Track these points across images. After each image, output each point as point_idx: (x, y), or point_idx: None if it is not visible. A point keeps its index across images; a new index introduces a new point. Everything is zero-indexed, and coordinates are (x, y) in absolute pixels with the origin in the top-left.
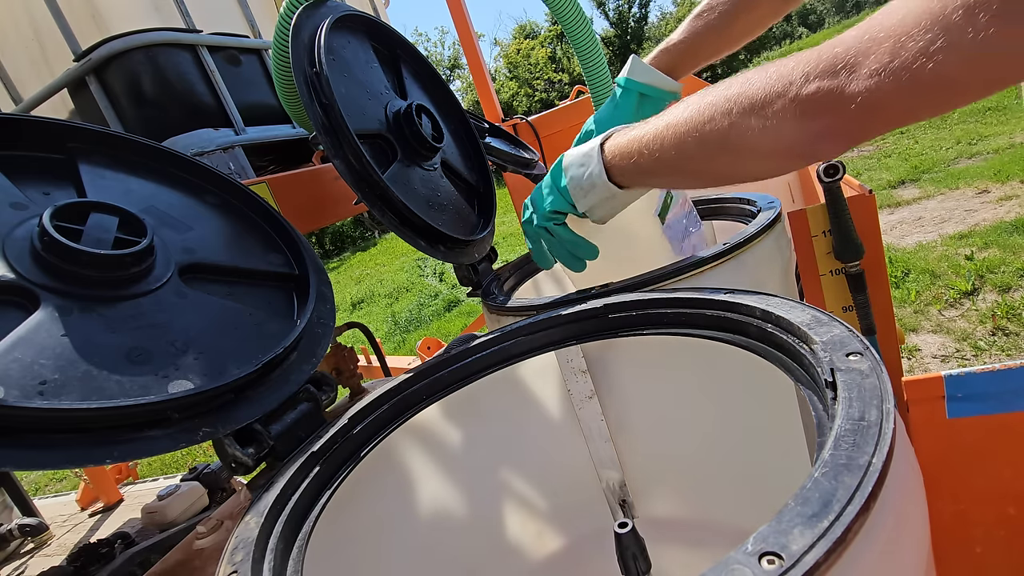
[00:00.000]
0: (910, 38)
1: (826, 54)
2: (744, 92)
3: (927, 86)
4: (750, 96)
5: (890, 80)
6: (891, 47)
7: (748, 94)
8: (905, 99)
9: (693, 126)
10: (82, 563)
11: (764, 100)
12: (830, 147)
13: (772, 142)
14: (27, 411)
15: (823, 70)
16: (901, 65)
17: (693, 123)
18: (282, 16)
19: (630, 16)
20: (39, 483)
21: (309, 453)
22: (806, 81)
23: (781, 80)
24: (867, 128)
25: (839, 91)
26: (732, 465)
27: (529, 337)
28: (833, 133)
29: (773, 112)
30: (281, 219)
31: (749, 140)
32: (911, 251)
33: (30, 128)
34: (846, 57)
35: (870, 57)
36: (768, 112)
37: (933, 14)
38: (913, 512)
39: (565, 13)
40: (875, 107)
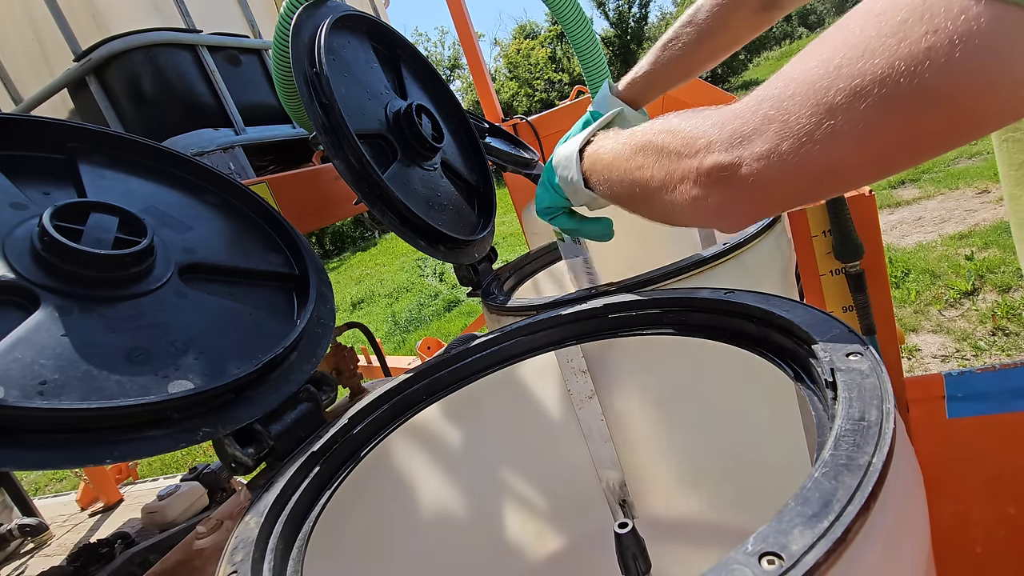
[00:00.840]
0: (797, 119)
1: (728, 125)
2: (665, 144)
3: (815, 171)
4: (668, 151)
5: (777, 163)
6: (779, 128)
7: (667, 148)
8: (794, 183)
9: (631, 167)
10: (82, 563)
11: (677, 158)
12: (726, 222)
13: (682, 209)
14: (27, 411)
15: (723, 142)
16: (789, 148)
17: (631, 163)
18: (282, 16)
19: (630, 16)
20: (39, 483)
21: (309, 453)
22: (708, 152)
23: (692, 142)
24: (762, 208)
25: (733, 168)
26: (732, 465)
27: (529, 337)
28: (728, 209)
29: (681, 175)
30: (281, 219)
31: (665, 197)
32: (911, 251)
33: (30, 128)
34: (743, 131)
35: (762, 136)
36: (677, 173)
37: (818, 95)
38: (913, 512)
39: (565, 13)
40: (766, 189)
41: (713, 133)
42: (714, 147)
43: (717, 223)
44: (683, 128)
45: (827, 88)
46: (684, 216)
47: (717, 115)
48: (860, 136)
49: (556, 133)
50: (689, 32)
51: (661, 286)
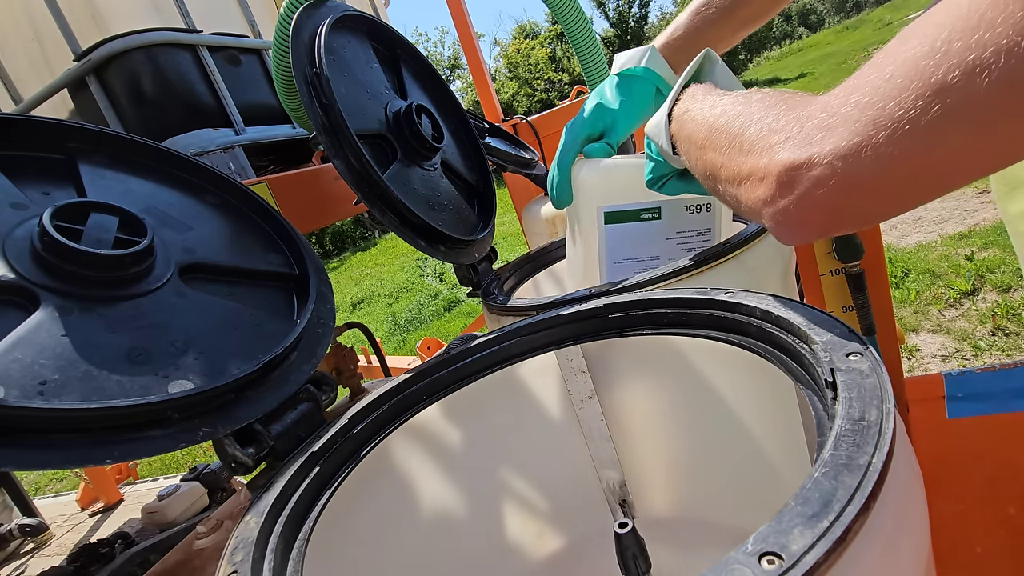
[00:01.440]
0: (898, 105)
1: (812, 119)
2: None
3: (919, 167)
4: (742, 142)
5: (871, 159)
6: (873, 117)
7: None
8: (890, 183)
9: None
10: (82, 563)
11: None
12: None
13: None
14: (27, 411)
15: (802, 136)
16: (886, 140)
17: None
18: (282, 16)
19: (630, 16)
20: (39, 483)
21: (309, 453)
22: (783, 148)
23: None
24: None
25: (807, 167)
26: (732, 465)
27: (529, 337)
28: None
29: (748, 171)
30: (281, 219)
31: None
32: (911, 251)
33: (30, 128)
34: (827, 123)
35: (851, 127)
36: (745, 168)
37: (924, 75)
38: (913, 512)
39: (565, 13)
40: (852, 191)
41: (793, 127)
42: (790, 142)
43: (781, 231)
44: (762, 116)
45: (936, 65)
46: (750, 216)
47: (805, 106)
48: (980, 119)
49: (556, 133)
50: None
51: (661, 286)
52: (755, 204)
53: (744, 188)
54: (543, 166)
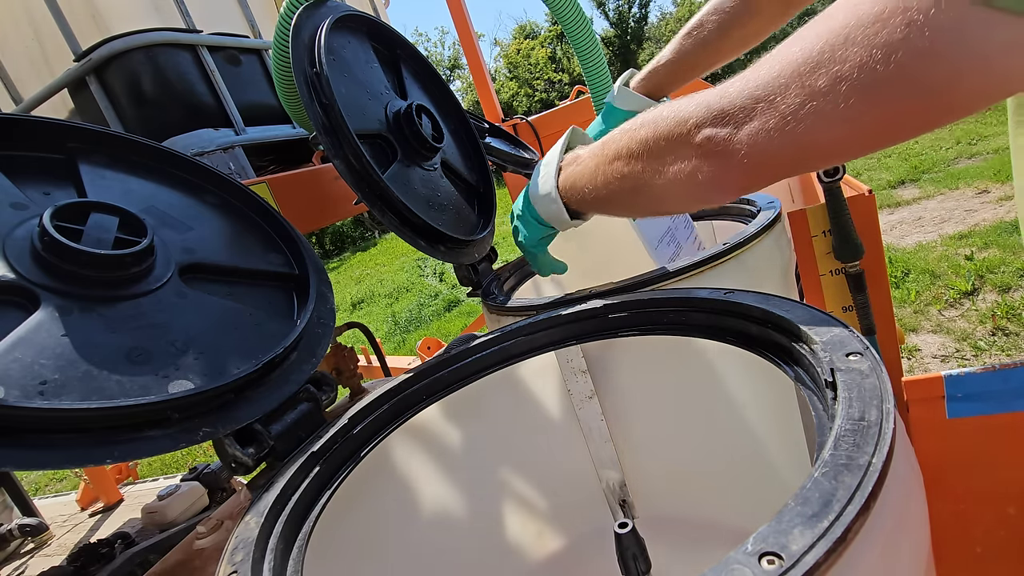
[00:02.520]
0: (783, 100)
1: (715, 104)
2: (649, 136)
3: (801, 147)
4: (654, 141)
5: (765, 138)
6: (765, 108)
7: (654, 137)
8: (782, 158)
9: (616, 168)
10: (82, 563)
11: (667, 144)
12: (720, 193)
13: (675, 188)
14: (27, 411)
15: (713, 119)
16: (775, 126)
17: (616, 165)
18: (282, 16)
19: (630, 16)
20: (39, 483)
21: (309, 453)
22: (699, 128)
23: (679, 125)
24: (754, 180)
25: (725, 142)
26: (732, 465)
27: (529, 337)
28: (722, 179)
29: (673, 156)
30: (281, 219)
31: (658, 185)
32: (911, 251)
33: (30, 128)
34: (731, 111)
35: (750, 114)
36: (668, 156)
37: (803, 78)
38: (913, 512)
39: (565, 13)
40: (757, 161)
41: (701, 112)
42: (704, 123)
43: (710, 195)
44: (666, 115)
45: (811, 72)
46: (677, 194)
47: (702, 97)
48: (841, 117)
49: (556, 133)
50: (714, 20)
51: (661, 286)
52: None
53: (671, 171)
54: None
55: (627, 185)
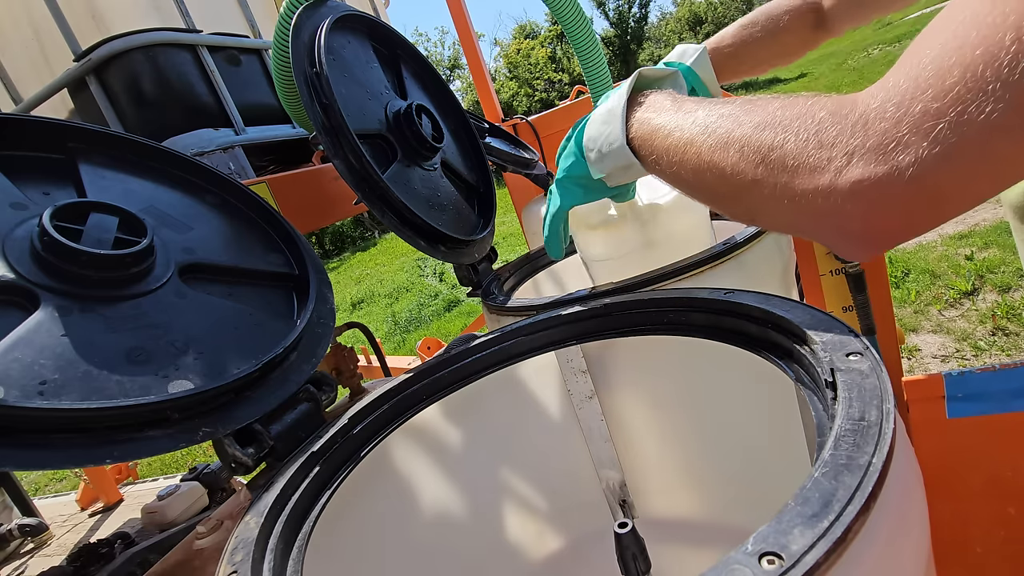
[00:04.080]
0: (977, 105)
1: (874, 127)
2: (776, 146)
3: (1007, 160)
4: (782, 157)
5: (959, 163)
6: (954, 121)
7: (780, 152)
8: (979, 181)
9: (715, 161)
10: (82, 563)
11: (796, 169)
12: (866, 247)
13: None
14: (27, 411)
15: (871, 149)
16: (972, 141)
17: (716, 157)
18: (282, 16)
19: (630, 16)
20: (39, 483)
21: (309, 453)
22: (849, 164)
23: (821, 151)
24: (923, 224)
25: (890, 182)
26: (732, 465)
27: (529, 337)
28: (878, 230)
29: (805, 190)
30: (281, 219)
31: (771, 207)
32: (911, 251)
33: (30, 128)
34: (897, 134)
35: (929, 136)
36: (799, 187)
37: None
38: (913, 512)
39: (565, 13)
40: (939, 198)
41: (853, 140)
42: (857, 156)
43: (851, 248)
44: (799, 128)
45: (1014, 56)
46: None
47: (852, 114)
48: None
49: (556, 133)
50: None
51: (661, 286)
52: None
53: (800, 208)
54: (543, 166)
55: (726, 189)
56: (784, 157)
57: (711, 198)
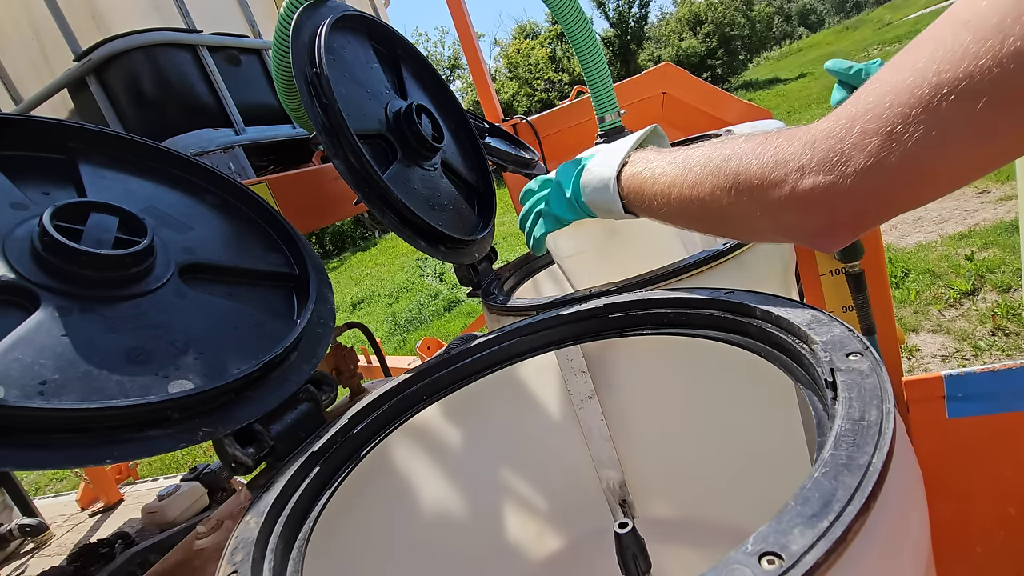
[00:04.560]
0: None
1: (821, 144)
2: (741, 170)
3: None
4: (747, 178)
5: (886, 175)
6: (882, 141)
7: (746, 175)
8: (905, 191)
9: (695, 194)
10: (82, 563)
11: (761, 186)
12: (828, 242)
13: (771, 228)
14: (27, 411)
15: (819, 163)
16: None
17: (695, 191)
18: (282, 16)
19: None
20: (39, 483)
21: (309, 453)
22: (801, 176)
23: (778, 168)
24: (866, 222)
25: (835, 188)
26: (732, 465)
27: (529, 337)
28: (831, 229)
29: (770, 202)
30: (281, 219)
31: (747, 222)
32: (911, 251)
33: (30, 128)
34: (839, 148)
35: (864, 151)
36: (766, 200)
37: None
38: (913, 512)
39: (565, 13)
40: (875, 202)
41: (804, 156)
42: (808, 170)
43: (817, 244)
44: (760, 153)
45: (932, 95)
46: (774, 239)
47: (802, 136)
48: (976, 135)
49: (556, 133)
50: None
51: (661, 286)
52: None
53: (768, 219)
54: (543, 166)
55: (709, 215)
56: (750, 178)
57: (700, 226)
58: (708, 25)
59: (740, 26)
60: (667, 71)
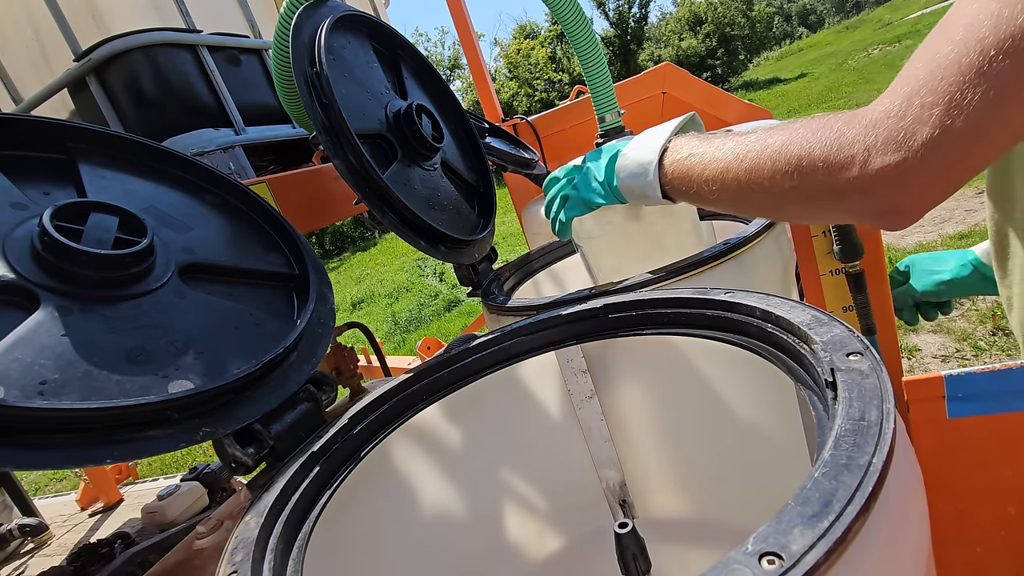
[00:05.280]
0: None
1: (883, 124)
2: (804, 155)
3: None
4: (811, 163)
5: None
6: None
7: (809, 159)
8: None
9: (753, 179)
10: (82, 563)
11: (827, 170)
12: (902, 219)
13: (838, 210)
14: (27, 411)
15: (884, 141)
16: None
17: (753, 176)
18: (282, 16)
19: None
20: (39, 483)
21: (309, 453)
22: (868, 158)
23: (843, 150)
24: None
25: (905, 165)
26: (732, 465)
27: (529, 337)
28: (905, 206)
29: (839, 185)
30: (281, 219)
31: (810, 205)
32: (911, 251)
33: (30, 128)
34: (902, 126)
35: (928, 124)
36: (833, 184)
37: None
38: (913, 512)
39: (565, 13)
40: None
41: (868, 137)
42: (875, 150)
43: (886, 223)
44: (822, 137)
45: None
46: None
47: (862, 118)
48: None
49: (556, 133)
50: None
51: (661, 286)
52: (856, 210)
53: (838, 202)
54: (543, 166)
55: (767, 200)
56: (814, 162)
57: (756, 210)
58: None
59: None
60: (667, 71)
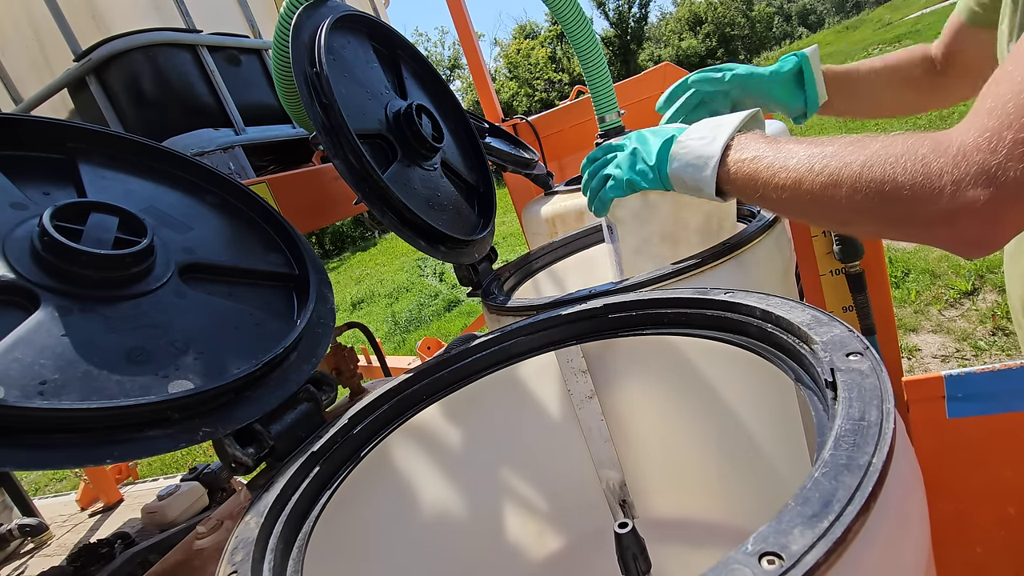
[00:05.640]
0: None
1: (973, 158)
2: (887, 180)
3: None
4: (895, 189)
5: None
6: None
7: (893, 186)
8: None
9: (828, 195)
10: (82, 563)
11: (912, 199)
12: (982, 251)
13: (919, 237)
14: (27, 411)
15: (975, 176)
16: None
17: (828, 192)
18: (282, 16)
19: (630, 16)
20: (39, 483)
21: (309, 453)
22: (957, 192)
23: (930, 181)
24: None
25: (995, 204)
26: (732, 465)
27: (529, 337)
28: (989, 241)
29: (924, 215)
30: (281, 219)
31: (887, 226)
32: (911, 251)
33: (30, 128)
34: (993, 162)
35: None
36: (918, 213)
37: None
38: (913, 512)
39: (565, 13)
40: None
41: (957, 170)
42: (964, 186)
43: (967, 252)
44: (906, 163)
45: None
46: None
47: (949, 149)
48: None
49: (556, 133)
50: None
51: (661, 286)
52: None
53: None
54: (543, 166)
55: (839, 214)
56: (898, 188)
57: (823, 222)
58: (708, 25)
59: (740, 26)
60: (667, 71)
